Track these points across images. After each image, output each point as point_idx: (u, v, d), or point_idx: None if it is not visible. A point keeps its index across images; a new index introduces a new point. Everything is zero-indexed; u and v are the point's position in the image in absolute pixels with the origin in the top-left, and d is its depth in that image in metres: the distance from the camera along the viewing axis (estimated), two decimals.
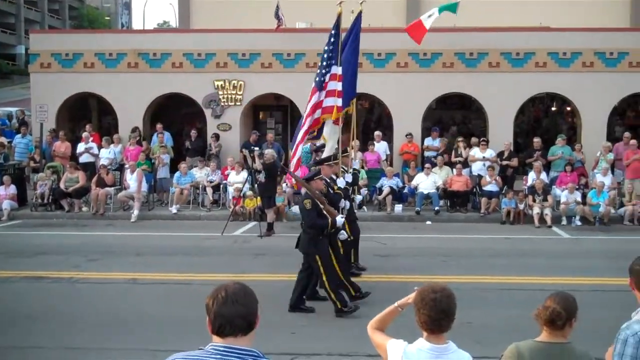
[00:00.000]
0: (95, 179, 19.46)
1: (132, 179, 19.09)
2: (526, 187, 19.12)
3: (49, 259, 14.00)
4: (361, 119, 24.21)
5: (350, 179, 12.24)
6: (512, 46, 20.98)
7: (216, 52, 21.64)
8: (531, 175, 19.31)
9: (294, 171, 12.07)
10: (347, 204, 11.69)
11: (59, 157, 20.98)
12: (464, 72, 21.04)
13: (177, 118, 24.15)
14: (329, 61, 11.84)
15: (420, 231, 17.42)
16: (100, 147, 21.23)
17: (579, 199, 18.45)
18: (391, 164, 20.57)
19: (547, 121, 24.58)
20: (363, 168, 19.04)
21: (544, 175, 19.31)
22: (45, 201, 19.43)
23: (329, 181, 11.31)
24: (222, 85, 21.70)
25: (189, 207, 19.73)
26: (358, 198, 13.94)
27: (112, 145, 21.17)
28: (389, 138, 21.68)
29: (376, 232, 16.58)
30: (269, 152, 17.16)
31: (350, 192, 12.47)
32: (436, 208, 18.90)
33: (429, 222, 18.39)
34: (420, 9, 23.78)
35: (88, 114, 24.63)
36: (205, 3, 26.56)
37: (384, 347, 4.17)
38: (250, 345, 3.17)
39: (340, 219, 10.50)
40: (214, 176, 19.97)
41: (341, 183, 11.67)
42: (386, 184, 19.27)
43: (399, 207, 19.14)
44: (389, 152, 20.85)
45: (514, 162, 20.04)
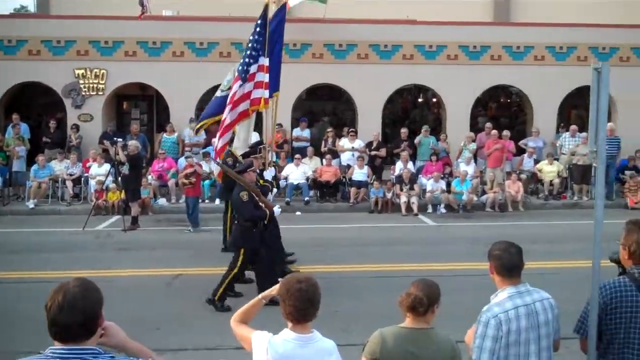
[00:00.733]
0: None
1: None
2: (394, 177, 19.41)
3: None
4: None
5: (273, 172, 12.34)
6: (380, 38, 21.21)
7: (76, 39, 20.60)
8: (398, 165, 19.63)
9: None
10: (271, 196, 11.78)
11: None
12: (334, 63, 21.07)
13: (36, 109, 22.88)
14: (255, 52, 11.71)
15: (290, 222, 17.16)
16: None
17: (444, 187, 18.94)
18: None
19: (414, 112, 25.08)
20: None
21: (410, 165, 19.67)
22: None
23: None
24: (82, 74, 20.68)
25: (48, 202, 18.72)
26: (274, 191, 13.77)
27: None
28: (259, 129, 21.41)
29: None
30: (132, 144, 16.52)
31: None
32: (306, 198, 18.86)
33: (298, 213, 18.29)
34: None
35: None
36: None
37: (249, 339, 4.16)
38: (94, 344, 2.98)
39: (277, 210, 10.48)
40: (74, 169, 19.05)
41: (268, 175, 11.69)
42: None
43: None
44: (259, 139, 20.58)
45: (382, 152, 20.28)
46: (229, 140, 12.49)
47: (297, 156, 19.64)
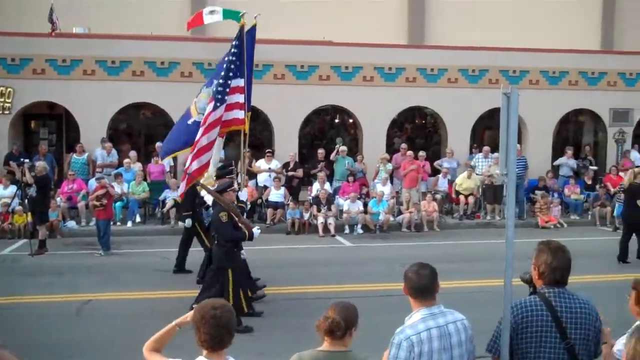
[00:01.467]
0: None
1: None
2: (311, 197, 19.36)
3: None
4: (142, 129, 23.44)
5: (246, 193, 12.46)
6: (296, 59, 21.22)
7: None
8: (315, 186, 19.60)
9: (186, 185, 11.34)
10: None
11: None
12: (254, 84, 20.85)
13: None
14: (229, 73, 11.60)
15: None
16: None
17: (361, 207, 18.99)
18: (175, 177, 19.98)
19: (331, 132, 25.14)
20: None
21: (327, 186, 19.67)
22: None
23: None
24: None
25: None
26: None
27: None
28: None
29: (160, 247, 16.06)
30: (40, 165, 15.94)
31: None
32: None
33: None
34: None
35: None
36: None
37: None
38: None
39: (257, 231, 10.53)
40: None
41: (243, 196, 11.73)
42: (170, 196, 18.64)
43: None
44: (172, 164, 20.23)
45: (299, 173, 20.22)
46: (207, 163, 11.88)
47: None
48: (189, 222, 13.55)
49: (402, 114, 23.40)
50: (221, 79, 11.63)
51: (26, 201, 16.17)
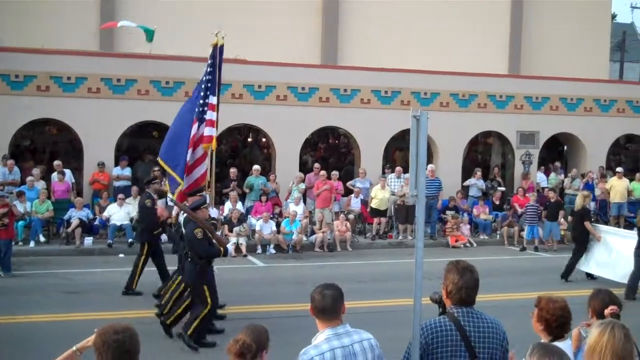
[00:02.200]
0: None
1: None
2: (222, 217, 19.04)
3: None
4: (48, 146, 22.66)
5: (216, 210, 12.39)
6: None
7: None
8: (227, 205, 19.30)
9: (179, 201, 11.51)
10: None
11: None
12: (160, 100, 20.47)
13: None
14: (206, 91, 12.13)
15: (112, 265, 16.38)
16: None
17: (274, 227, 18.81)
18: (81, 195, 19.34)
19: (244, 151, 24.94)
20: None
21: (240, 205, 19.41)
22: None
23: None
24: None
25: None
26: None
27: None
28: (78, 166, 20.42)
29: (64, 267, 15.49)
30: None
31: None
32: (130, 240, 18.02)
33: (121, 255, 17.42)
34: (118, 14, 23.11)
35: None
36: None
37: None
38: None
39: (230, 247, 10.76)
40: None
41: (213, 213, 11.76)
42: (75, 215, 18.01)
43: (89, 240, 18.04)
44: (73, 181, 19.61)
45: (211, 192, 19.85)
46: (197, 179, 12.30)
47: (121, 196, 18.81)
48: (164, 239, 13.63)
49: (316, 134, 23.43)
50: (201, 99, 12.23)
51: None
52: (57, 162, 19.44)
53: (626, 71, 40.15)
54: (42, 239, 18.21)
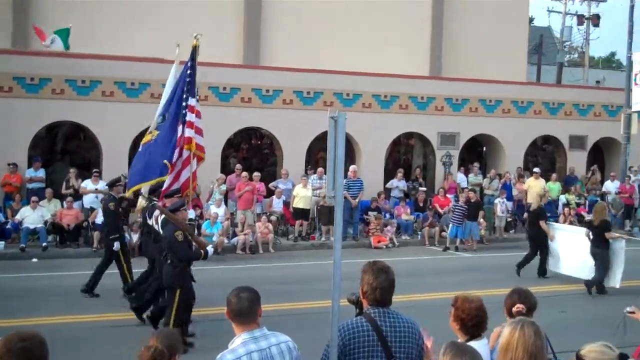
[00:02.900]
0: None
1: None
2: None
3: None
4: None
5: (193, 212, 12.50)
6: (126, 76, 20.45)
7: None
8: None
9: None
10: None
11: None
12: (77, 100, 19.89)
13: None
14: (187, 94, 12.21)
15: (26, 270, 15.79)
16: None
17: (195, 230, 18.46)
18: None
19: None
20: None
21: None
22: None
23: None
24: None
25: None
26: None
27: None
28: None
29: None
30: None
31: None
32: (44, 244, 17.44)
33: (35, 260, 16.88)
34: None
35: None
36: None
37: None
38: None
39: (211, 249, 10.53)
40: None
41: (191, 214, 11.81)
42: None
43: (0, 245, 17.31)
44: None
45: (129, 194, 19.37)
46: (187, 180, 12.38)
47: (34, 198, 18.18)
48: (117, 245, 13.07)
49: (238, 134, 23.17)
50: (184, 102, 12.30)
51: None
52: None
53: (543, 74, 41.24)
54: None
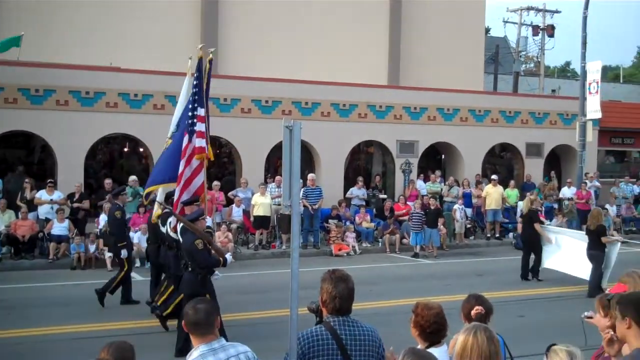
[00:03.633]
0: None
1: None
2: (98, 230, 18.29)
3: None
4: None
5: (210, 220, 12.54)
6: (81, 84, 20.08)
7: None
8: (103, 218, 18.50)
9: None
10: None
11: None
12: (29, 109, 19.49)
13: None
14: (194, 104, 12.13)
15: None
16: None
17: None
18: None
19: (121, 162, 24.08)
20: None
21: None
22: None
23: None
24: None
25: None
26: None
27: None
28: None
29: None
30: None
31: None
32: None
33: None
34: None
35: None
36: None
37: None
38: None
39: (229, 256, 10.57)
40: None
41: (209, 222, 11.97)
42: None
43: None
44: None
45: (86, 204, 19.09)
46: (196, 190, 12.15)
47: None
48: (124, 253, 13.40)
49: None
50: (189, 112, 12.23)
51: None
52: None
53: (499, 83, 41.84)
54: None
